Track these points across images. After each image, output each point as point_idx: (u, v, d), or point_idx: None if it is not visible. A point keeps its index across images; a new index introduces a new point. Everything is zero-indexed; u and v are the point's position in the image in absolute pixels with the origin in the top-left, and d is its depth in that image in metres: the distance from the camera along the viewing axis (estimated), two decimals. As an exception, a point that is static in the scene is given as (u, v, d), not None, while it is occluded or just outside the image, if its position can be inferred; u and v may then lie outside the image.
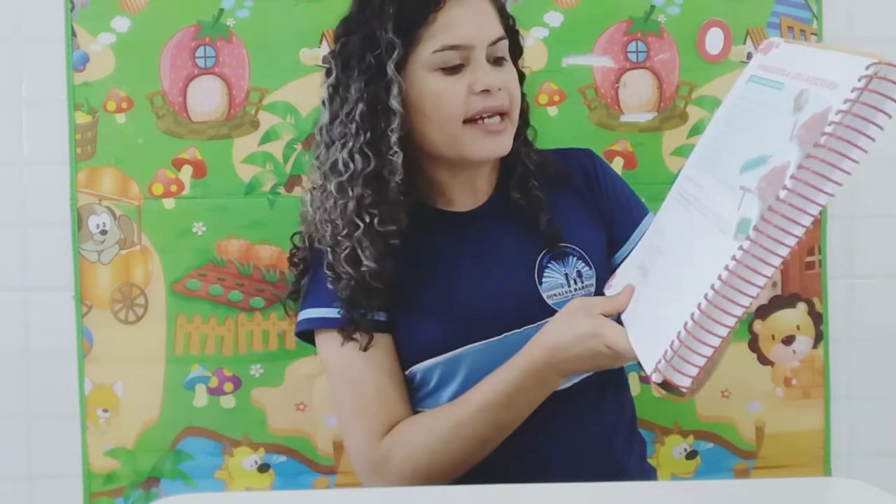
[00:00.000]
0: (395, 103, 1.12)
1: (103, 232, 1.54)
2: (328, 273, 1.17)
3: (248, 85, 1.53)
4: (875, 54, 0.75)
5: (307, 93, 1.52)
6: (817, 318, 1.57)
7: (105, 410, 1.55)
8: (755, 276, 0.80)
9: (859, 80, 0.75)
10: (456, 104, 1.13)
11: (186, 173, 1.53)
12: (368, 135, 1.12)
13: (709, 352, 0.83)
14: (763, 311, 1.57)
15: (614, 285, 1.05)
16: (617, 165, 1.53)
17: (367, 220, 1.13)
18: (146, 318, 1.54)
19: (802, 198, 0.78)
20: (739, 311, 0.82)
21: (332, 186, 1.15)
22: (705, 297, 0.82)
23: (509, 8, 1.25)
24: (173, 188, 1.53)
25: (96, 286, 1.54)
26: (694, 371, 0.84)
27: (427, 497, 1.05)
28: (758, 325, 1.57)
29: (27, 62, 1.53)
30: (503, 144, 1.17)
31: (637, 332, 0.94)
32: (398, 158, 1.13)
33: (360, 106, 1.12)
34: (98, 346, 1.54)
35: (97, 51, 1.52)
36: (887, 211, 1.57)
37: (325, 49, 1.52)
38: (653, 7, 1.53)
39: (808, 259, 1.56)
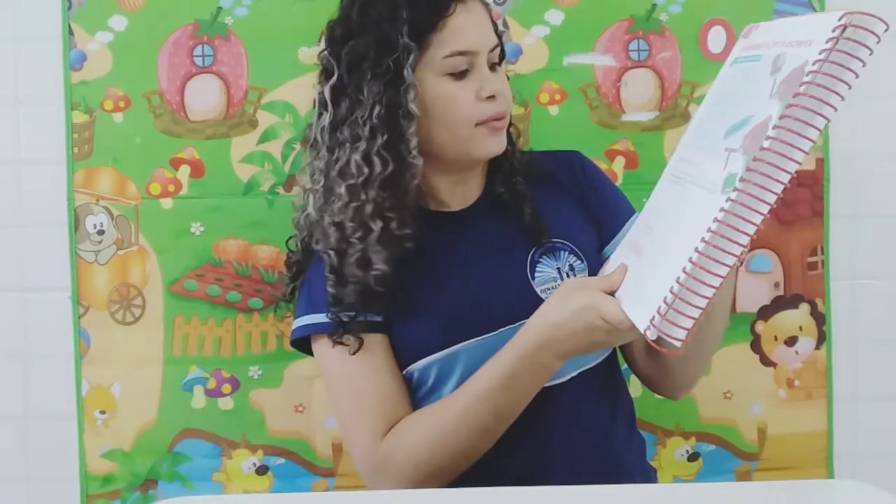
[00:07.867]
0: (413, 107, 1.14)
1: (100, 232, 1.53)
2: (331, 277, 1.17)
3: (246, 84, 1.52)
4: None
5: (306, 92, 1.49)
6: (820, 318, 1.56)
7: (102, 412, 1.54)
8: (744, 224, 0.83)
9: (833, 30, 0.79)
10: (468, 108, 1.16)
11: (184, 173, 1.52)
12: (386, 137, 1.13)
13: (703, 303, 0.85)
14: (765, 312, 1.56)
15: (608, 269, 1.06)
16: (618, 165, 1.52)
17: (383, 224, 1.14)
18: (144, 318, 1.53)
19: (787, 144, 0.81)
20: (731, 261, 0.84)
21: (341, 189, 1.15)
22: (696, 249, 0.84)
23: (510, 7, 1.26)
24: (171, 188, 1.52)
25: (93, 287, 1.53)
26: (689, 323, 0.85)
27: (425, 500, 1.04)
28: (760, 326, 1.56)
29: (24, 61, 1.53)
30: (503, 142, 1.21)
31: (631, 301, 0.95)
32: (419, 162, 1.15)
33: (378, 109, 1.13)
34: (95, 347, 1.53)
35: (94, 49, 1.51)
36: (890, 211, 1.56)
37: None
38: (654, 5, 1.52)
39: (811, 259, 1.55)
